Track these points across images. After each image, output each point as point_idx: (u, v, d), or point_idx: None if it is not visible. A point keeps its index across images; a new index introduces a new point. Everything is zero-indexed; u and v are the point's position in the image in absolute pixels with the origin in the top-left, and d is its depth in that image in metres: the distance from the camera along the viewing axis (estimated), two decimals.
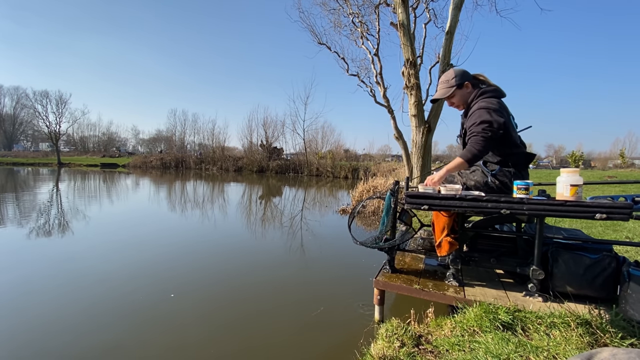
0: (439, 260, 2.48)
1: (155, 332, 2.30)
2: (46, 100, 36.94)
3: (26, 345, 2.10)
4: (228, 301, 2.85)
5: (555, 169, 18.53)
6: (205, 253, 4.33)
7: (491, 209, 1.76)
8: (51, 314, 2.52)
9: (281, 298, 2.94)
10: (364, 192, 8.50)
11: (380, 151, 39.90)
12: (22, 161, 35.90)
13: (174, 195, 11.22)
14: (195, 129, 39.07)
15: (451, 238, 2.00)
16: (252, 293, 3.03)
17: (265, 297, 2.95)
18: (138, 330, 2.33)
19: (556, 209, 1.66)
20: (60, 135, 37.77)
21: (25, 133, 52.35)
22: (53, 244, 4.52)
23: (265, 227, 6.33)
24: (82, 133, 50.45)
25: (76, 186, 13.42)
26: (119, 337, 2.22)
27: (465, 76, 2.08)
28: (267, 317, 2.55)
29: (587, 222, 4.45)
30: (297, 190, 13.99)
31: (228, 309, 2.70)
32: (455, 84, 2.06)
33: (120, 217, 6.97)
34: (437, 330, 1.75)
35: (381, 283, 2.19)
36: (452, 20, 6.65)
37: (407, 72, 6.85)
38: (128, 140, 56.82)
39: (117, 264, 3.71)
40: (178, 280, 3.27)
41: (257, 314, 2.61)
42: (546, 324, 1.55)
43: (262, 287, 3.17)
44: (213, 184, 16.18)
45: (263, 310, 2.68)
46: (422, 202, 1.89)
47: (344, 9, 10.56)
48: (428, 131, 6.92)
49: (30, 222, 5.89)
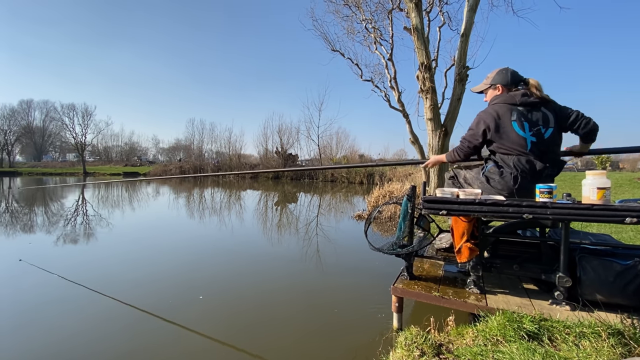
0: (459, 267, 2.42)
1: (186, 333, 2.35)
2: (73, 113, 38.84)
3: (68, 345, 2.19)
4: (247, 305, 2.88)
5: (581, 172, 17.80)
6: (225, 258, 4.40)
7: (512, 214, 1.71)
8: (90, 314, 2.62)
9: (298, 304, 2.94)
10: (379, 198, 8.42)
11: (395, 156, 39.48)
12: (50, 171, 37.64)
13: (193, 203, 11.46)
14: (212, 138, 39.97)
15: (471, 244, 1.95)
16: (269, 298, 3.05)
17: (282, 302, 2.96)
18: (175, 329, 2.38)
19: (582, 213, 1.60)
20: (86, 146, 39.51)
21: (53, 144, 54.94)
22: (78, 251, 4.70)
23: (281, 233, 6.36)
24: (105, 143, 52.53)
25: (100, 195, 13.95)
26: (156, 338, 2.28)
27: (503, 79, 2.07)
28: (284, 323, 2.56)
29: (616, 226, 4.23)
30: (312, 196, 14.01)
31: (248, 312, 2.73)
32: (489, 84, 2.13)
33: (142, 225, 7.18)
34: (459, 339, 1.70)
35: (399, 290, 2.16)
36: (467, 22, 6.58)
37: (421, 75, 6.80)
38: (149, 149, 58.66)
39: (145, 268, 3.82)
40: (203, 283, 3.40)
41: (274, 318, 2.62)
42: (575, 333, 1.48)
43: (279, 293, 3.19)
44: (230, 191, 16.44)
45: (280, 315, 2.69)
46: (440, 207, 1.85)
47: (357, 15, 10.64)
48: (445, 135, 6.82)
49: (61, 230, 6.16)
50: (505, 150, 1.94)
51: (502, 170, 1.94)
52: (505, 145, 1.93)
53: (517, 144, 1.90)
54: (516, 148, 1.90)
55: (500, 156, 1.97)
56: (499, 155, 1.98)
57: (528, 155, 1.89)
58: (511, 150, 1.92)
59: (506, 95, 2.03)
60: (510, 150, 1.92)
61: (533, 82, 2.05)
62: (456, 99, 6.85)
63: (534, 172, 1.89)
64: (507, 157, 1.94)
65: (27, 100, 47.96)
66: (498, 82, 2.09)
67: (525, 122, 1.93)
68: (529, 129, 1.93)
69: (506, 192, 1.93)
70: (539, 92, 1.98)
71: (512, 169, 1.90)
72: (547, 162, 1.90)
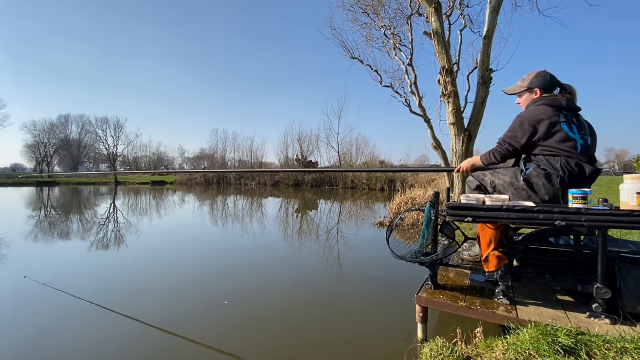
0: (487, 276, 2.33)
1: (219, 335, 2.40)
2: (106, 126, 41.38)
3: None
4: (268, 314, 2.89)
5: (619, 175, 16.69)
6: (247, 265, 4.46)
7: (543, 221, 1.63)
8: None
9: (319, 312, 2.92)
10: (401, 205, 8.27)
11: (417, 162, 38.95)
12: (85, 181, 39.88)
13: (217, 211, 11.75)
14: (235, 147, 41.12)
15: (499, 252, 1.87)
16: (290, 306, 3.05)
17: (303, 310, 2.95)
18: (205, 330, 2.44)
19: (621, 220, 1.50)
20: (117, 157, 41.72)
21: (88, 156, 58.26)
22: (100, 259, 4.93)
23: (302, 240, 6.38)
24: (135, 154, 55.10)
25: (130, 203, 14.60)
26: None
27: (542, 82, 2.01)
28: (304, 331, 2.55)
29: None
30: (333, 204, 13.99)
31: (268, 321, 2.74)
32: (526, 87, 2.06)
33: (168, 232, 7.43)
34: (488, 352, 1.63)
35: (424, 300, 2.10)
36: (490, 25, 6.44)
37: (443, 80, 6.69)
38: (175, 159, 60.91)
39: (171, 273, 3.95)
40: (228, 289, 3.49)
41: (294, 327, 2.61)
42: (616, 349, 1.38)
43: (299, 301, 3.18)
44: (252, 198, 16.73)
45: (300, 323, 2.68)
46: (466, 214, 1.80)
47: (376, 22, 10.68)
48: (469, 139, 6.65)
49: (95, 236, 6.49)
50: (551, 152, 1.85)
51: (549, 172, 1.83)
52: (553, 147, 1.84)
53: (568, 145, 1.82)
54: (566, 149, 1.82)
55: (546, 158, 1.87)
56: (542, 157, 1.88)
57: (578, 157, 1.82)
58: (559, 151, 1.83)
59: (550, 97, 1.96)
60: (558, 151, 1.83)
61: (572, 89, 2.00)
62: (480, 102, 6.68)
63: (583, 176, 1.81)
64: (553, 158, 1.84)
65: (65, 115, 51.24)
66: (537, 85, 2.02)
67: (573, 125, 1.87)
68: (577, 132, 1.86)
69: (551, 197, 1.84)
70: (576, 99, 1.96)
71: (559, 171, 1.81)
72: (593, 166, 1.83)
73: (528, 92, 2.06)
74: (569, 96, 1.97)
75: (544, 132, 1.85)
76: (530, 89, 2.05)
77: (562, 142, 1.83)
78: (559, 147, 1.83)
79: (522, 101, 2.11)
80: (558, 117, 1.86)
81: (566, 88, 2.02)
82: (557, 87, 2.03)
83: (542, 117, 1.86)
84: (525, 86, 2.06)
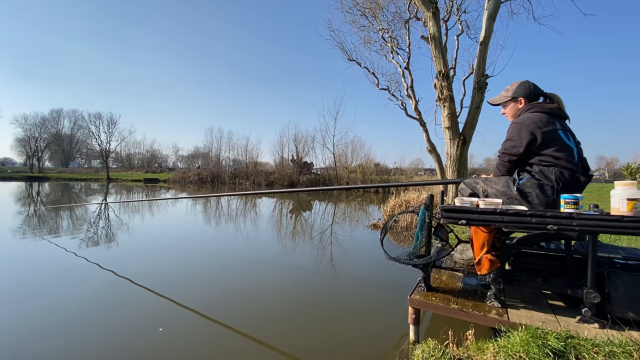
0: (479, 279, 2.35)
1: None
2: (99, 121, 40.88)
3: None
4: (261, 314, 2.86)
5: (609, 183, 16.98)
6: (243, 267, 4.43)
7: (536, 225, 1.65)
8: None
9: (311, 313, 2.91)
10: (395, 207, 8.31)
11: (412, 165, 39.17)
12: (76, 177, 39.35)
13: (210, 210, 11.66)
14: (230, 146, 40.83)
15: (492, 255, 1.89)
16: (282, 308, 3.03)
17: (294, 311, 2.94)
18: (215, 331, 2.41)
19: (611, 225, 1.53)
20: (110, 153, 41.22)
21: (80, 151, 57.56)
22: (99, 255, 4.86)
23: (295, 241, 6.37)
24: (128, 151, 54.66)
25: (122, 199, 14.41)
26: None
27: (525, 92, 2.03)
28: (296, 333, 2.53)
29: None
30: (327, 205, 13.98)
31: (261, 322, 2.71)
32: (511, 96, 2.07)
33: (161, 231, 7.36)
34: (478, 354, 1.64)
35: (416, 301, 2.11)
36: (487, 31, 6.51)
37: (439, 84, 6.75)
38: (169, 156, 60.55)
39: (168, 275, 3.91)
40: (224, 291, 3.40)
41: (286, 328, 2.60)
42: (604, 352, 1.40)
43: (291, 302, 3.17)
44: (246, 198, 16.64)
45: (292, 325, 2.67)
46: (460, 217, 1.81)
47: (374, 25, 10.73)
48: (463, 143, 6.71)
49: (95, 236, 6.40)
50: (547, 162, 1.84)
51: (542, 183, 1.83)
52: (550, 155, 1.83)
53: (565, 154, 1.82)
54: (563, 159, 1.81)
55: (540, 168, 1.86)
56: (537, 167, 1.88)
57: (574, 168, 1.82)
58: (555, 162, 1.82)
59: (542, 104, 1.96)
60: (553, 162, 1.83)
61: (558, 98, 2.01)
62: (475, 107, 6.74)
63: (576, 186, 1.82)
64: (548, 169, 1.84)
65: (57, 109, 50.73)
66: (520, 94, 2.03)
67: (568, 133, 1.89)
68: (572, 140, 1.88)
69: (544, 207, 1.83)
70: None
71: (553, 182, 1.81)
72: (587, 176, 1.86)
73: (512, 101, 2.07)
74: (556, 105, 1.98)
75: (542, 138, 1.84)
76: (514, 99, 2.05)
77: (559, 150, 1.83)
78: (555, 156, 1.83)
79: (508, 111, 2.11)
80: (554, 124, 1.87)
81: (550, 97, 2.03)
82: (541, 96, 2.04)
83: (539, 125, 1.86)
84: (510, 95, 2.07)
